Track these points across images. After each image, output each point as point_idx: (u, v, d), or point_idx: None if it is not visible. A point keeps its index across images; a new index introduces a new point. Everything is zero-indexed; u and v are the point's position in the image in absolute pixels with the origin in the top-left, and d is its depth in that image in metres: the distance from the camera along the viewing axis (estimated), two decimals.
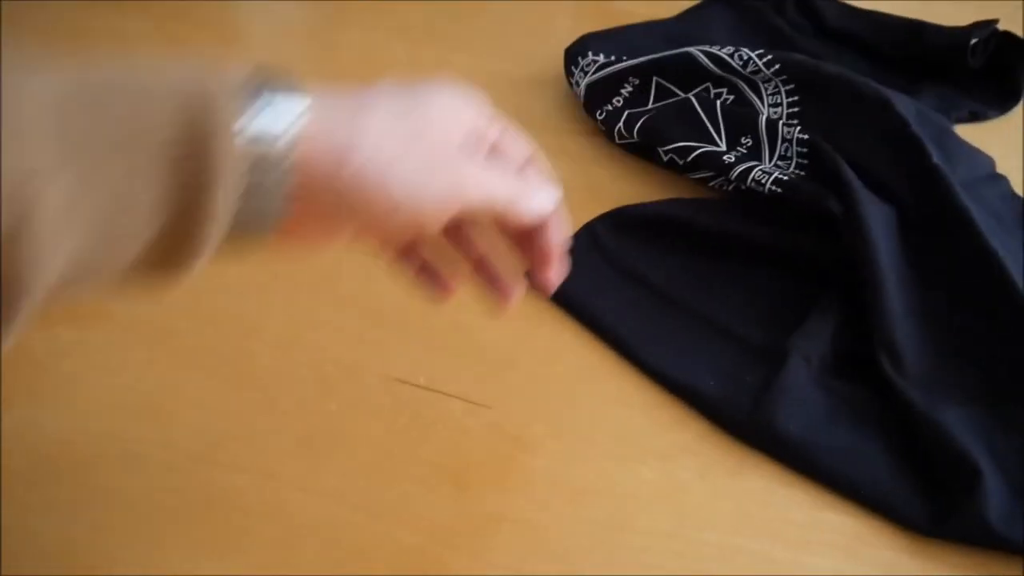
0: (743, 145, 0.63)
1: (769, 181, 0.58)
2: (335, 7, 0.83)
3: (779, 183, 0.57)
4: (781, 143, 0.62)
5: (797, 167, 0.61)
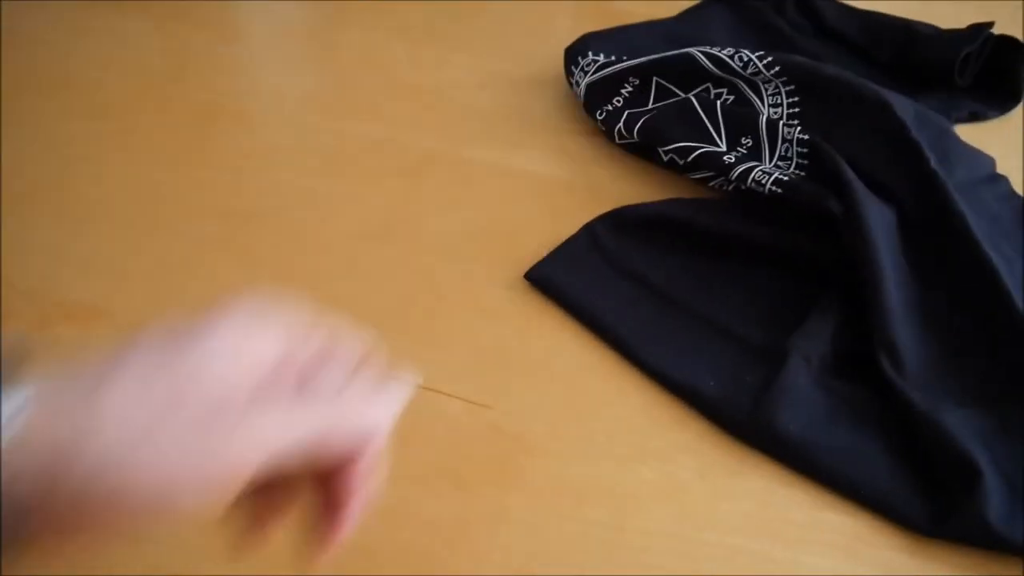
0: (743, 145, 0.63)
1: (769, 181, 0.58)
2: (335, 7, 0.83)
3: (779, 183, 0.57)
4: (781, 143, 0.62)
5: (797, 167, 0.61)
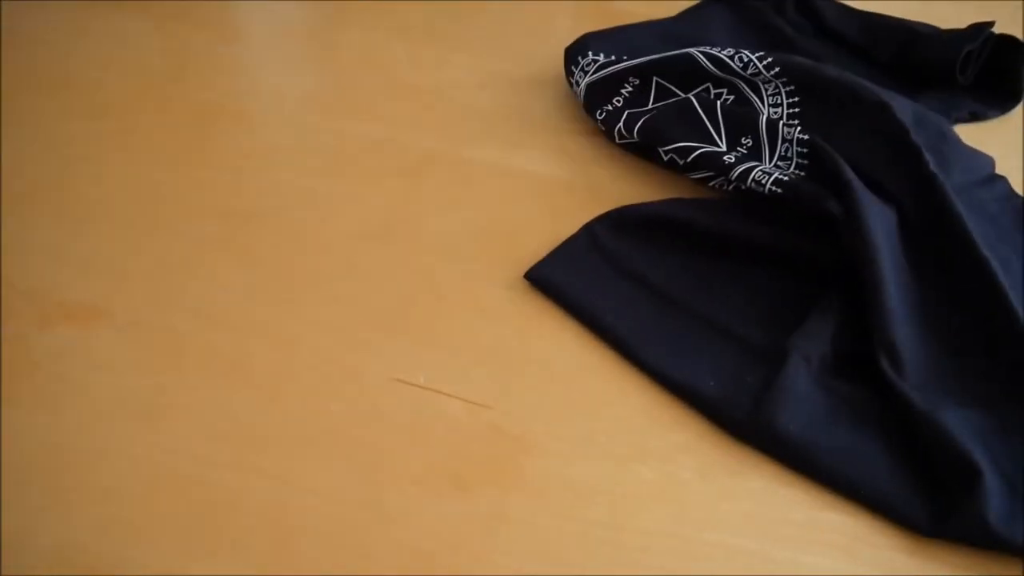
0: (743, 145, 0.63)
1: (769, 181, 0.58)
2: (335, 7, 0.83)
3: (779, 183, 0.57)
4: (781, 143, 0.62)
5: (797, 167, 0.61)
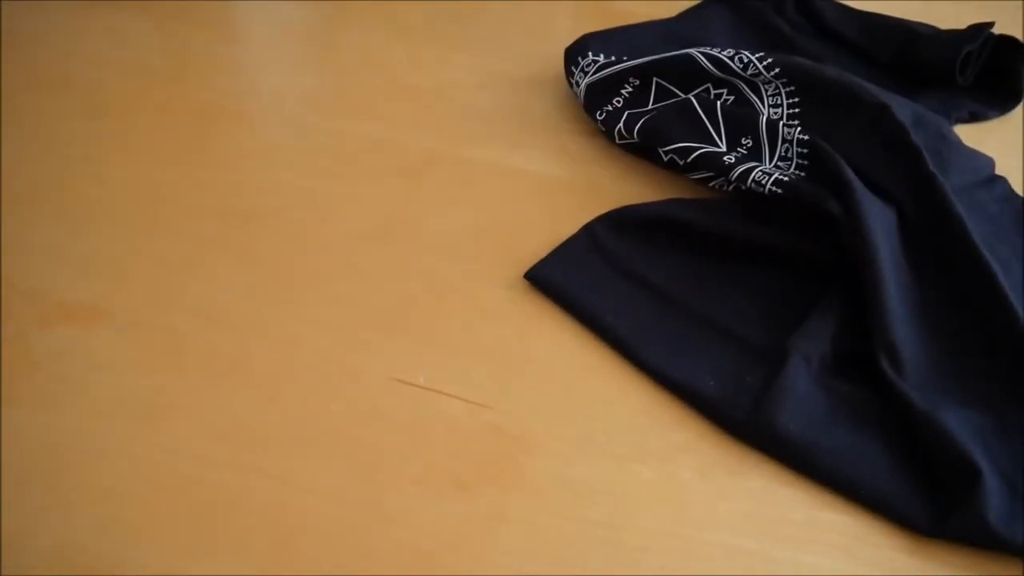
0: (743, 146, 0.63)
1: (769, 182, 0.58)
2: (335, 7, 0.83)
3: (779, 184, 0.57)
4: (781, 144, 0.62)
5: (797, 168, 0.61)
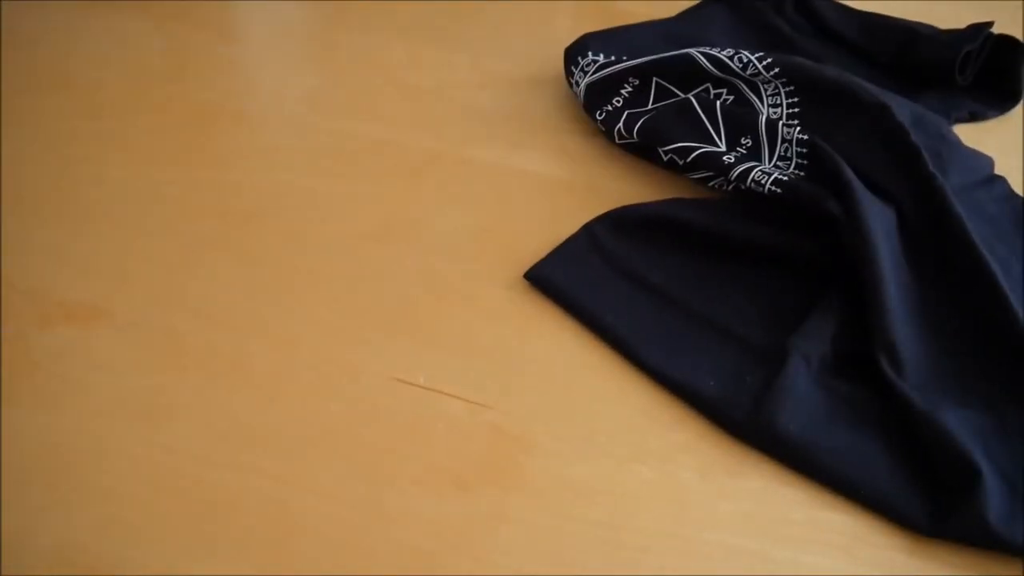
0: (743, 146, 0.63)
1: (769, 181, 0.58)
2: (335, 7, 0.83)
3: (779, 183, 0.57)
4: (781, 143, 0.62)
5: (797, 167, 0.61)
